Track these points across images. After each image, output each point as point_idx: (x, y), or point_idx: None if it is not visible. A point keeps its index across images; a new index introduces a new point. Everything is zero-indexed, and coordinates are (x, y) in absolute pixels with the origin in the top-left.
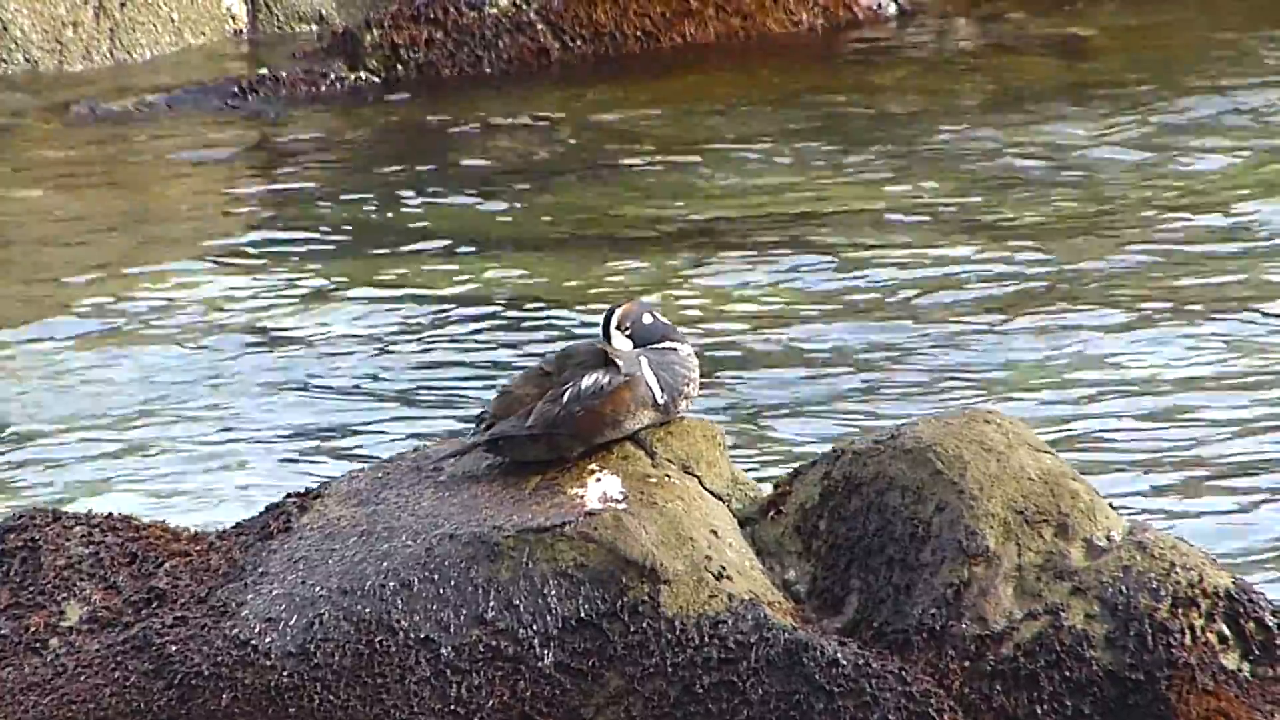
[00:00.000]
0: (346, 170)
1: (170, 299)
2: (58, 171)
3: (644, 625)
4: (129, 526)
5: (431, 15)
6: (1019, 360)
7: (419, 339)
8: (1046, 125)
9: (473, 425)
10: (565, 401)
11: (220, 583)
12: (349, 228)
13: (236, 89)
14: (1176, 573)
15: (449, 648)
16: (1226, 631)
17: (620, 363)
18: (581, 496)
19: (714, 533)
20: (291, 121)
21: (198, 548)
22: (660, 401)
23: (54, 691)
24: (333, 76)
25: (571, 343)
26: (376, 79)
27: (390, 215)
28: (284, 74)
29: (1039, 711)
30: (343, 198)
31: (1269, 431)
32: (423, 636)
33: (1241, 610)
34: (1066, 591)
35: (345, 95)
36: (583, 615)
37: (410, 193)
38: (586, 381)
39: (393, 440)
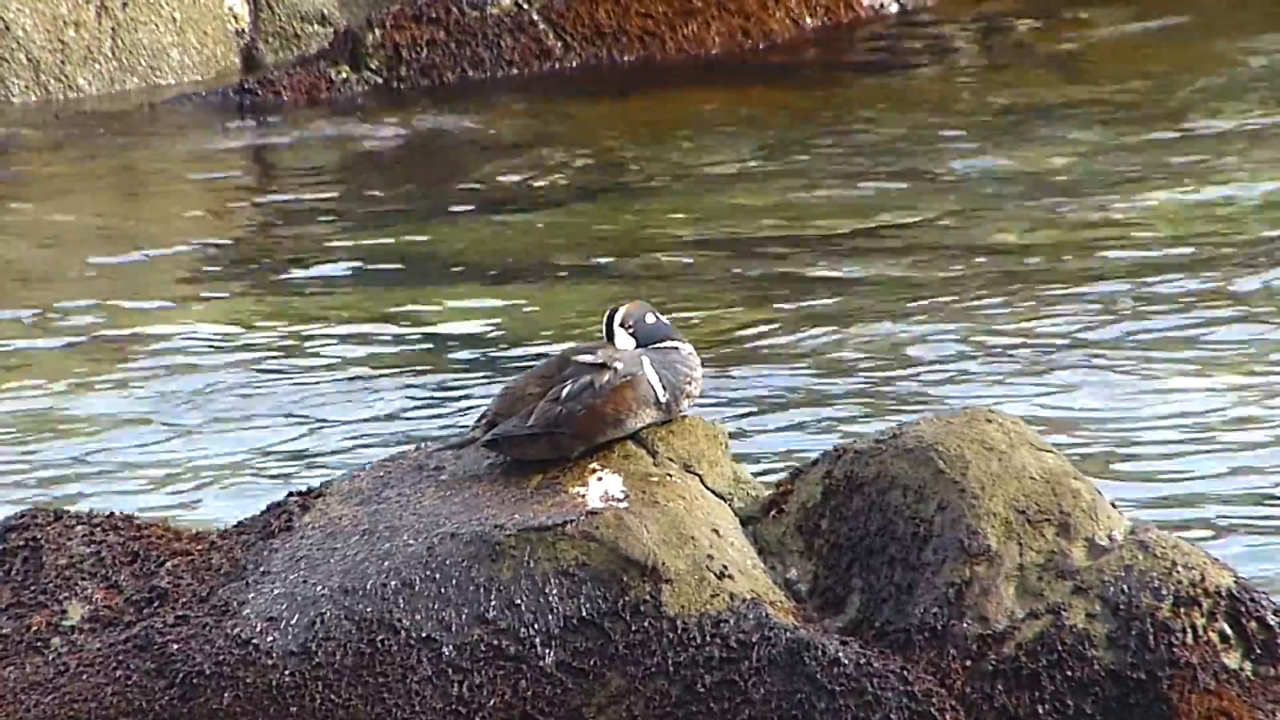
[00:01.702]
0: (344, 181)
1: (168, 309)
2: (54, 183)
3: (646, 624)
4: (130, 526)
5: (433, 15)
6: (1019, 361)
7: (418, 347)
8: (1043, 137)
9: (474, 421)
10: (566, 400)
11: (222, 582)
12: (346, 238)
13: (237, 92)
14: (1178, 572)
15: (450, 647)
16: (1228, 631)
17: (620, 363)
18: (583, 495)
19: (716, 532)
20: (291, 127)
21: (199, 547)
22: (662, 400)
23: (56, 690)
24: (334, 77)
25: (573, 343)
26: (378, 79)
27: (386, 230)
28: (285, 76)
29: (1040, 711)
30: (339, 208)
31: (1270, 430)
32: (424, 635)
33: (1243, 609)
34: (1068, 591)
35: (346, 97)
36: (584, 614)
37: (407, 208)
38: (586, 379)
39: (393, 442)
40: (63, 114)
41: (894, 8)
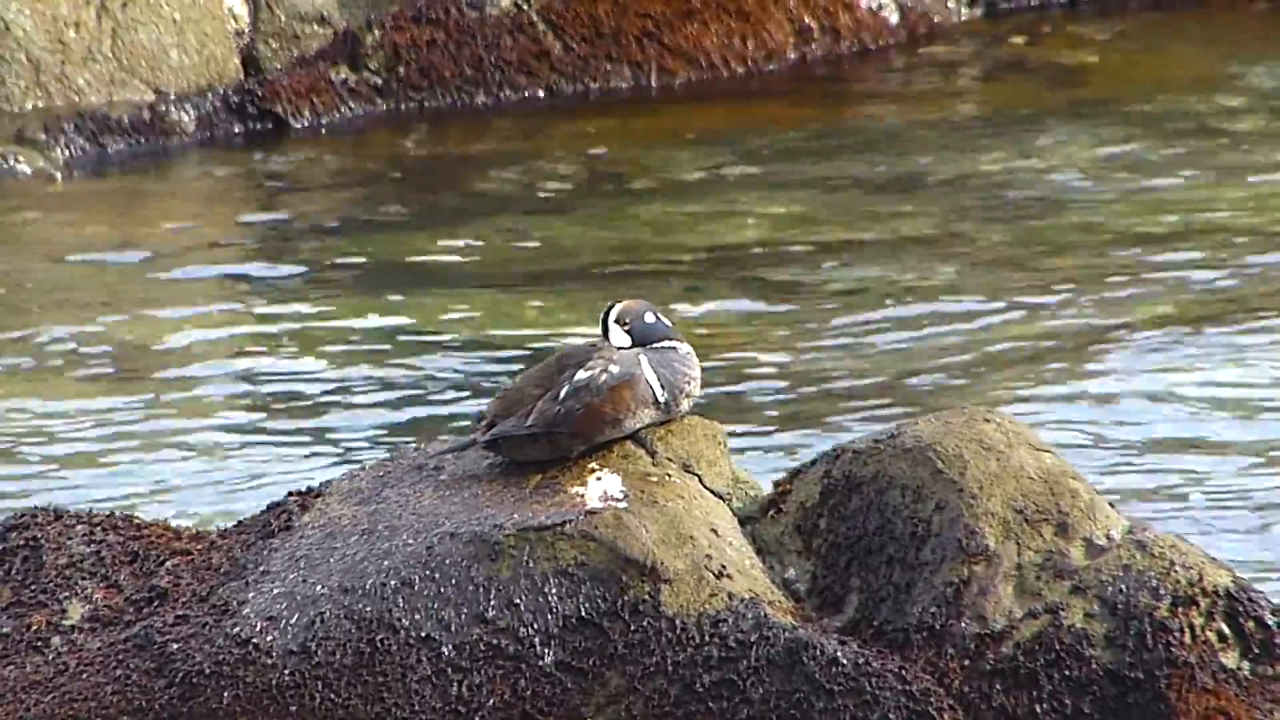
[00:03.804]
0: (343, 184)
1: (166, 313)
2: (51, 186)
3: (644, 624)
4: (130, 525)
5: (433, 16)
6: (1018, 361)
7: (416, 350)
8: (1042, 148)
9: (472, 423)
10: (564, 400)
11: (221, 581)
12: (345, 242)
13: (236, 93)
14: (1176, 571)
15: (450, 646)
16: (1226, 630)
17: (616, 363)
18: (582, 495)
19: (714, 531)
20: (290, 128)
21: (199, 546)
22: (661, 400)
23: (56, 690)
24: (333, 78)
25: (572, 343)
26: (378, 80)
27: (385, 233)
28: (284, 76)
29: (1039, 710)
30: (338, 212)
31: (1269, 429)
32: (424, 635)
33: (1241, 609)
34: (1066, 590)
35: (346, 98)
36: (583, 614)
37: (405, 211)
38: (583, 378)
39: (392, 442)
40: (62, 115)
41: (892, 9)
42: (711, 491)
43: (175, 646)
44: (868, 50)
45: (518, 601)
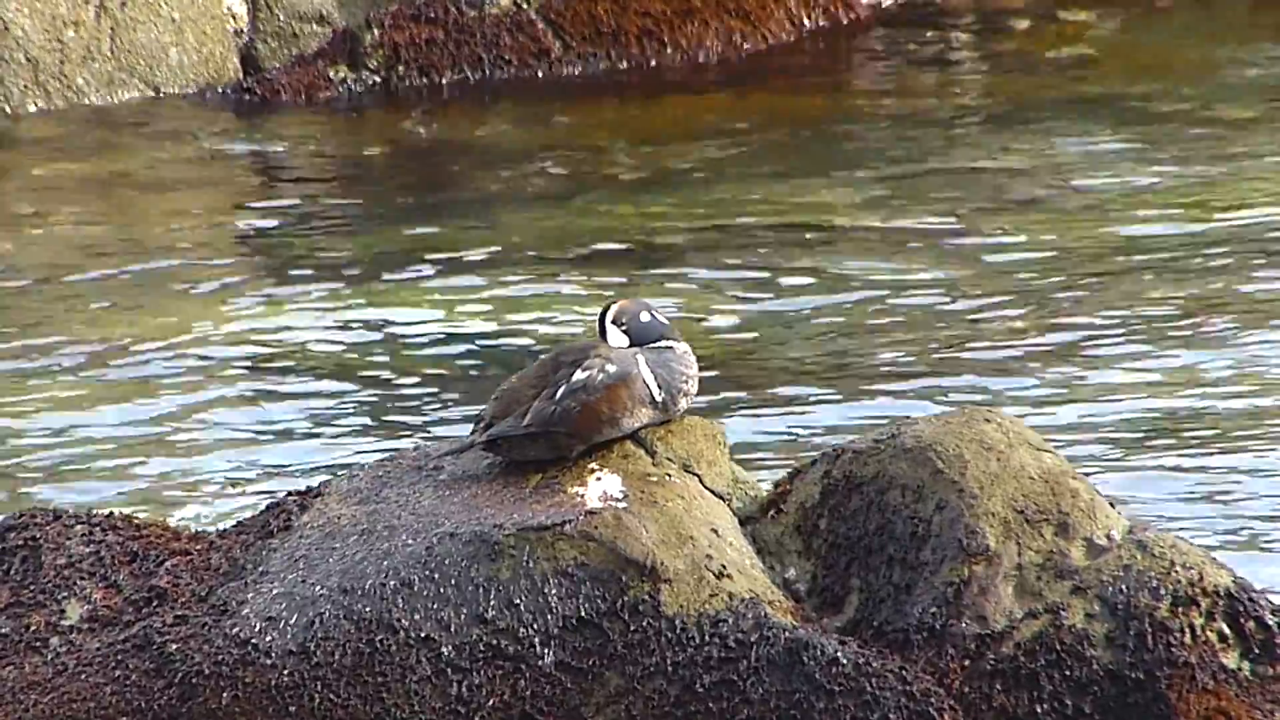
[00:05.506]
0: (343, 182)
1: (165, 312)
2: (50, 186)
3: (644, 624)
4: (129, 525)
5: (432, 15)
6: (1019, 360)
7: (416, 347)
8: (1040, 140)
9: (472, 425)
10: (560, 399)
11: (221, 581)
12: (344, 239)
13: (235, 92)
14: (1176, 571)
15: (449, 646)
16: (1227, 630)
17: (612, 362)
18: (582, 495)
19: (714, 531)
20: (290, 127)
21: (198, 546)
22: (659, 399)
23: (54, 690)
24: (332, 77)
25: (567, 343)
26: (376, 79)
27: (384, 231)
28: (283, 75)
29: (1039, 710)
30: (337, 210)
31: (1269, 429)
32: (423, 635)
33: (1242, 609)
34: (1067, 590)
35: (345, 96)
36: (583, 614)
37: (404, 209)
38: (579, 376)
39: (391, 441)
40: (61, 114)
41: (893, 8)
42: (711, 492)
43: (174, 647)
44: (866, 42)
45: (517, 602)
